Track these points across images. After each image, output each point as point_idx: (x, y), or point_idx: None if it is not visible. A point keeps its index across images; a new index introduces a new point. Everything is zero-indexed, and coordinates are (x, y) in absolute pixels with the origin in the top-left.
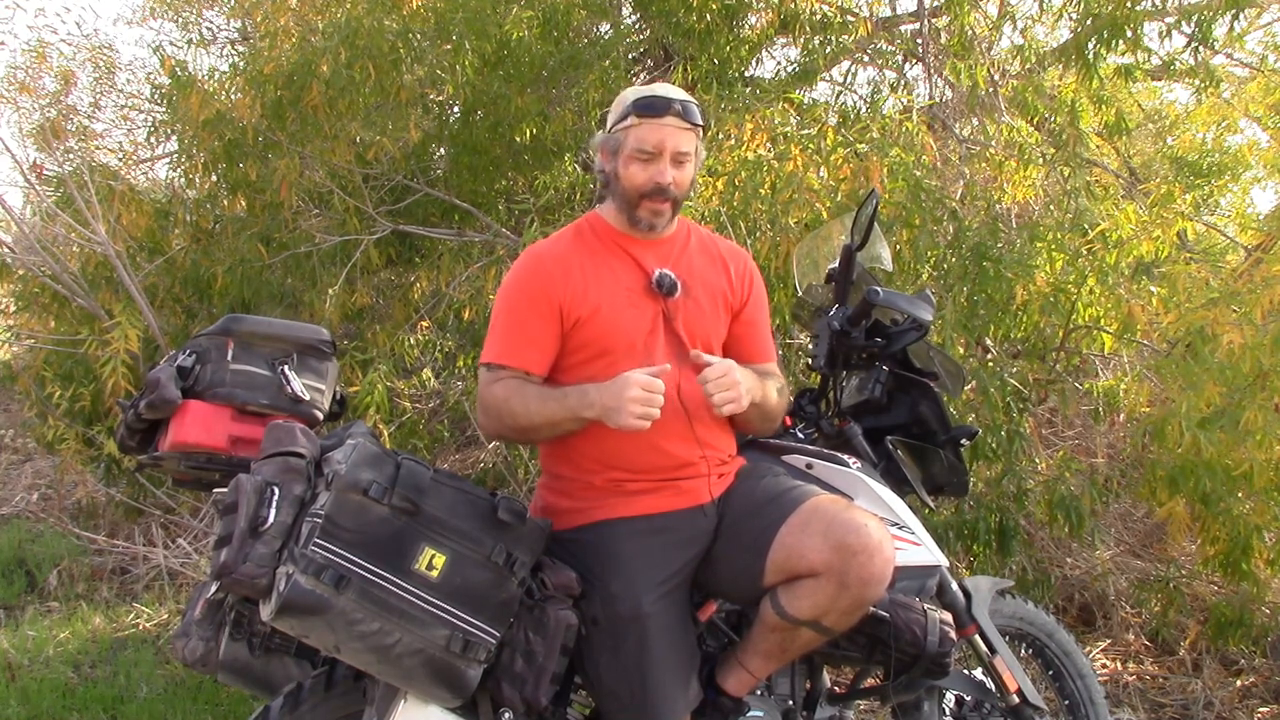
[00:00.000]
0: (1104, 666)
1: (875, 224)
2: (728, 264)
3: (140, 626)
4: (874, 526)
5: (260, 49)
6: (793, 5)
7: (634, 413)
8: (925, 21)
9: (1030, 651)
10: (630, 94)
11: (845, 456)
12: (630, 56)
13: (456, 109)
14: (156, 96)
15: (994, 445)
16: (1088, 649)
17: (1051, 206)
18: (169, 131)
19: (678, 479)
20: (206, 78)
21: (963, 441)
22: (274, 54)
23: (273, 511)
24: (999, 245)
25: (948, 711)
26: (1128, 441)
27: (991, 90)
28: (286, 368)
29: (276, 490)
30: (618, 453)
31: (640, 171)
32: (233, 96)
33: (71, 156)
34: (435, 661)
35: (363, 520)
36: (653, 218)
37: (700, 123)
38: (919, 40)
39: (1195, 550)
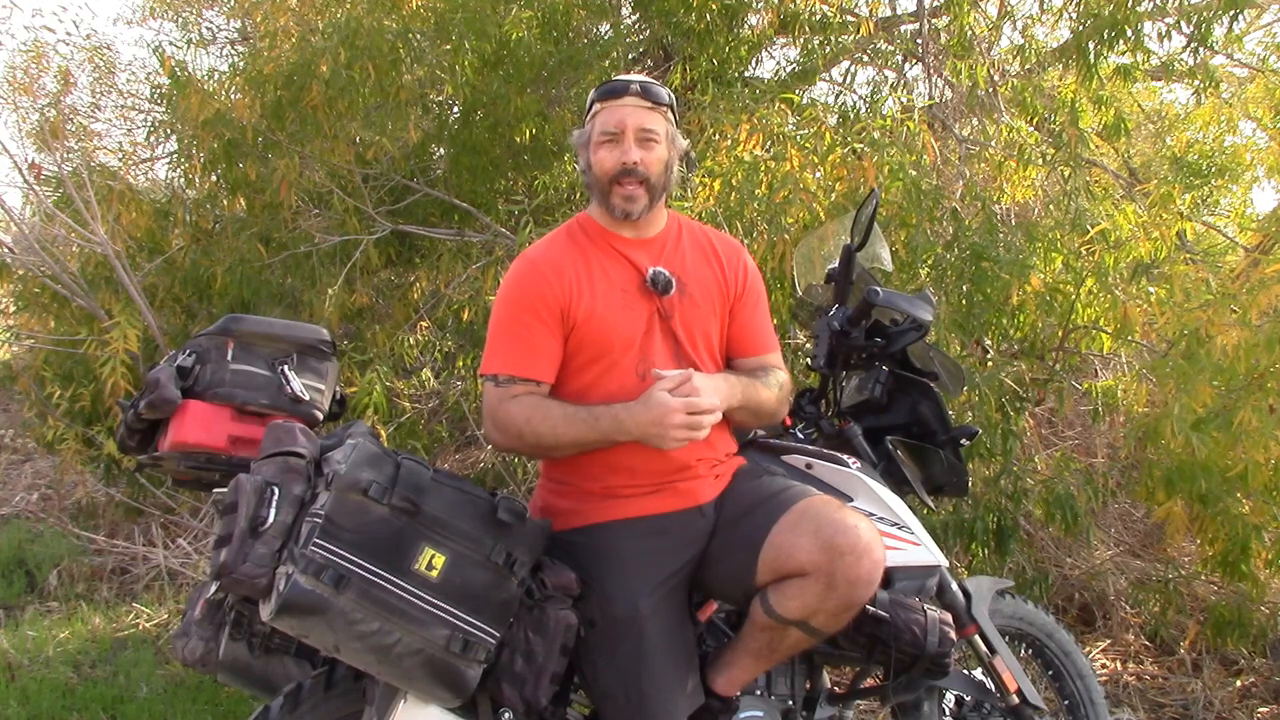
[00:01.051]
0: (1104, 666)
1: (875, 224)
2: (721, 257)
3: (140, 626)
4: (864, 528)
5: (260, 49)
6: (792, 5)
7: (678, 437)
8: (925, 21)
9: (1030, 651)
10: (597, 87)
11: (845, 456)
12: (630, 56)
13: (456, 109)
14: (156, 96)
15: (990, 445)
16: (1087, 649)
17: (1051, 206)
18: (169, 131)
19: (675, 481)
20: (206, 78)
21: (962, 441)
22: (274, 54)
23: (272, 511)
24: (997, 245)
25: (947, 711)
26: (1124, 442)
27: (991, 90)
28: (286, 368)
29: (276, 490)
30: (618, 458)
31: (608, 156)
32: (232, 96)
33: (71, 156)
34: (435, 661)
35: (363, 520)
36: (626, 203)
37: (664, 102)
38: (919, 40)
39: (1194, 550)
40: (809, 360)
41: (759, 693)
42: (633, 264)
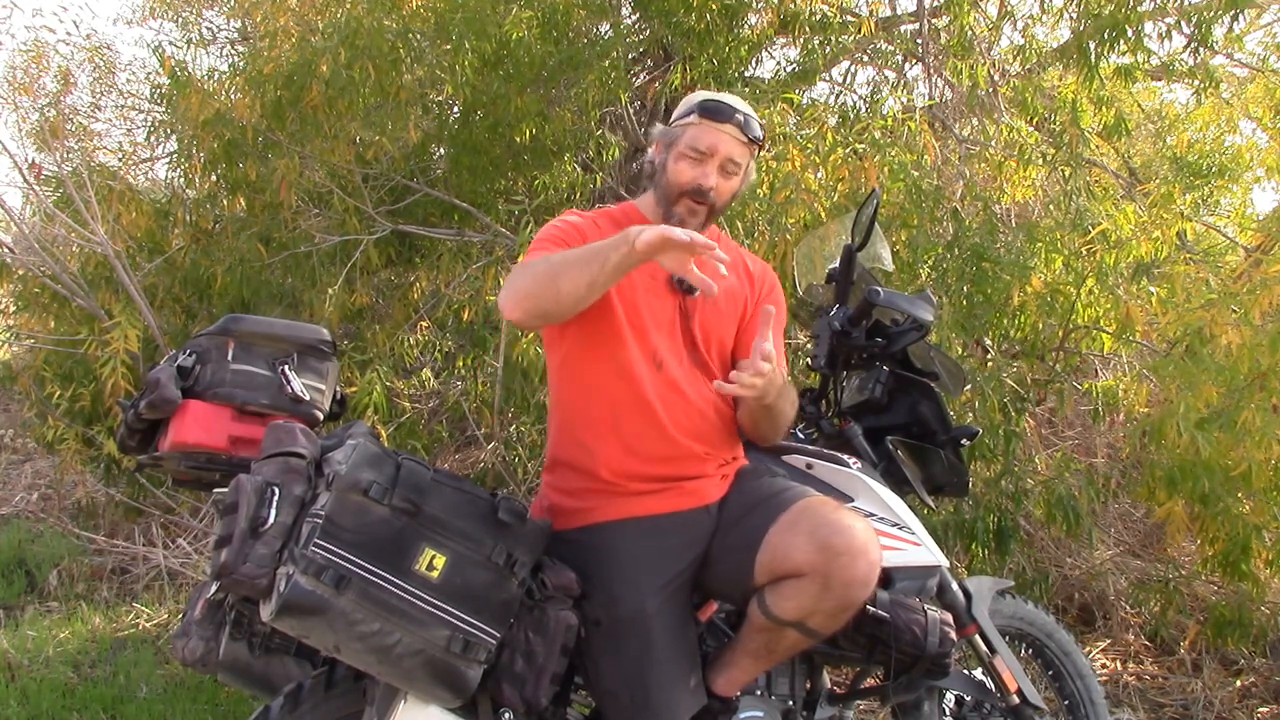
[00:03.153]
0: (1104, 666)
1: (876, 224)
2: (753, 275)
3: (140, 626)
4: (861, 528)
5: (260, 49)
6: (792, 5)
7: (653, 229)
8: (925, 21)
9: (1030, 651)
10: (699, 94)
11: (845, 456)
12: (630, 56)
13: (456, 109)
14: (156, 96)
15: (991, 445)
16: (1088, 649)
17: (1051, 206)
18: (169, 131)
19: (683, 479)
20: (206, 78)
21: (963, 441)
22: (274, 54)
23: (273, 512)
24: (997, 246)
25: (948, 711)
26: (1126, 442)
27: (991, 90)
28: (286, 368)
29: (277, 490)
30: (629, 435)
31: (688, 169)
32: (232, 96)
33: (71, 156)
34: (435, 662)
35: (363, 520)
36: (687, 214)
37: (758, 140)
38: (919, 40)
39: (1195, 550)
40: (809, 360)
41: (759, 693)
42: None
